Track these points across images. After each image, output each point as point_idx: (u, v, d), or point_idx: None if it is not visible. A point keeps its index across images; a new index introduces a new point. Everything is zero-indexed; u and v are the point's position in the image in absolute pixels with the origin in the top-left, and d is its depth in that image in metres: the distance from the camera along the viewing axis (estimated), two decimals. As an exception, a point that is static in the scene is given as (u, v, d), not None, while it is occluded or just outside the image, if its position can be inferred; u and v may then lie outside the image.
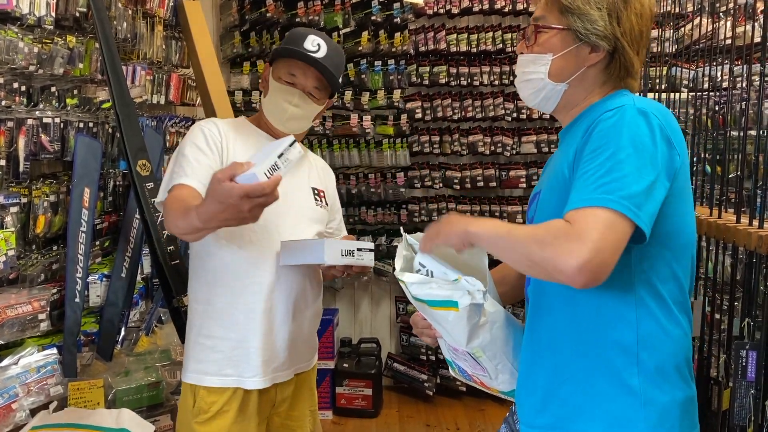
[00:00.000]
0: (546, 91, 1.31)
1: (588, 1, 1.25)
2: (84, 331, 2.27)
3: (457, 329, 1.27)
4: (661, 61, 2.73)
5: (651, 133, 1.15)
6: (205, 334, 1.75)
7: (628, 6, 1.25)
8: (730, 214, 1.65)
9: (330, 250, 1.62)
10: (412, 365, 4.00)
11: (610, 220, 1.08)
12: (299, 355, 1.83)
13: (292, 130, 1.77)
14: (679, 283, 1.24)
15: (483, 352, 1.31)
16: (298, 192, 1.83)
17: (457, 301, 1.22)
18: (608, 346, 1.21)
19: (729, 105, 2.10)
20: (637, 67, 1.30)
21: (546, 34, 1.29)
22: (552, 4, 1.29)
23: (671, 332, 1.22)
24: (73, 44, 2.14)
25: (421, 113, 3.88)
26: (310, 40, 1.75)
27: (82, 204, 2.16)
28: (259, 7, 3.88)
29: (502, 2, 3.74)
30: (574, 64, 1.28)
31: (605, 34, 1.25)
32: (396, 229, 4.01)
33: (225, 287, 1.73)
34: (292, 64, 1.75)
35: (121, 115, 2.27)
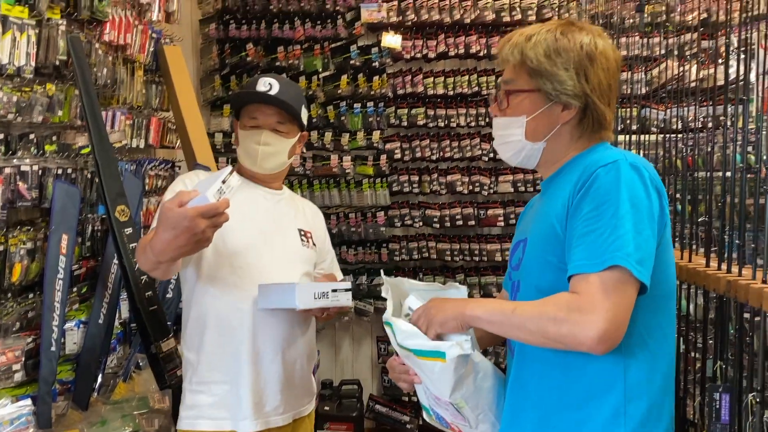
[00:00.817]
0: (526, 151, 1.33)
1: (554, 62, 1.27)
2: (60, 379, 2.23)
3: (442, 380, 1.27)
4: (631, 102, 2.81)
5: (645, 188, 1.18)
6: (197, 380, 1.77)
7: (594, 62, 1.27)
8: (701, 256, 1.68)
9: (302, 294, 1.62)
10: (395, 407, 3.96)
11: (617, 281, 1.11)
12: (296, 398, 1.83)
13: (270, 169, 1.84)
14: (664, 332, 1.25)
15: (466, 403, 1.31)
16: (281, 234, 1.85)
17: (445, 352, 1.22)
18: (595, 398, 1.21)
19: (696, 147, 2.16)
20: (610, 119, 1.32)
21: (517, 97, 1.31)
22: (520, 66, 1.31)
23: (656, 381, 1.23)
24: (53, 92, 2.15)
25: (400, 153, 3.93)
26: (262, 82, 1.81)
27: (60, 251, 2.15)
28: (239, 51, 3.94)
29: (477, 47, 3.83)
30: (548, 123, 1.30)
31: (575, 93, 1.27)
32: (377, 268, 4.01)
33: (212, 333, 1.76)
34: (251, 109, 1.82)
35: (100, 161, 2.28)
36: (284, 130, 1.83)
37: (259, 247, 1.79)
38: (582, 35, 1.29)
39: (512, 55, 1.31)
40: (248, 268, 1.75)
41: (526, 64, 1.29)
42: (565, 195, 1.23)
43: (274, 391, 1.76)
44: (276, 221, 1.86)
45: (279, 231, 1.85)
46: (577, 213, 1.19)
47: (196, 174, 1.82)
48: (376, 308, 4.00)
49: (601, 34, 1.32)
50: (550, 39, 1.28)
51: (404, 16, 3.83)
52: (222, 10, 3.94)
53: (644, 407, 1.20)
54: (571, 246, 1.18)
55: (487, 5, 3.80)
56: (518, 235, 1.42)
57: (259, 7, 3.89)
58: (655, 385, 1.22)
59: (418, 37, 3.86)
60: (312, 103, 3.95)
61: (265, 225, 1.83)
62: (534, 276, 1.28)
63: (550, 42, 1.28)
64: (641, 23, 2.55)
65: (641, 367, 1.21)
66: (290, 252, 1.84)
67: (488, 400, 1.33)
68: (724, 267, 1.55)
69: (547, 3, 3.80)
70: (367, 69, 3.91)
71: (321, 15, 3.90)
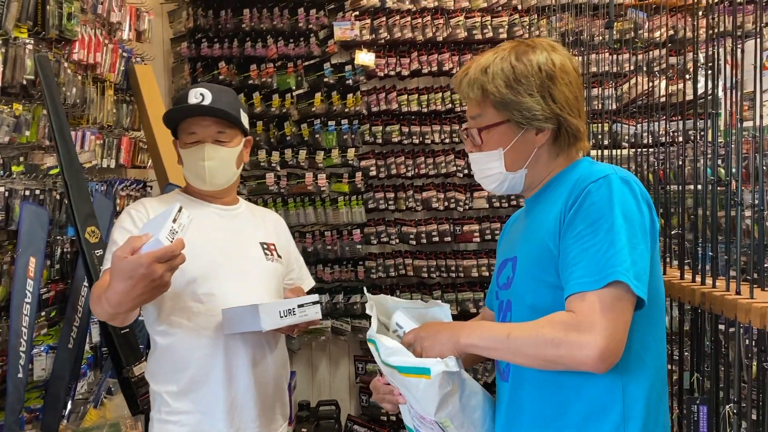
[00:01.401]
0: (508, 181, 1.32)
1: (517, 91, 1.25)
2: (27, 407, 2.17)
3: (426, 398, 1.24)
4: (602, 118, 2.84)
5: (636, 202, 1.18)
6: (166, 410, 1.70)
7: (555, 81, 1.26)
8: (675, 269, 1.70)
9: (266, 315, 1.55)
10: (373, 427, 3.91)
11: (614, 298, 1.10)
12: (272, 421, 1.77)
13: (221, 185, 1.76)
14: (658, 345, 1.25)
15: (451, 422, 1.28)
16: (242, 252, 1.77)
17: (430, 368, 1.20)
18: (594, 419, 1.19)
19: (668, 161, 2.19)
20: (583, 129, 1.32)
21: (489, 131, 1.29)
22: (484, 101, 1.29)
23: (653, 397, 1.22)
24: (20, 111, 2.11)
25: (376, 171, 3.92)
26: (193, 94, 1.71)
27: (27, 274, 2.09)
28: (212, 69, 3.91)
29: (450, 64, 3.86)
30: (525, 150, 1.29)
31: (545, 116, 1.26)
32: (353, 286, 3.99)
33: (180, 362, 1.68)
34: (188, 124, 1.72)
35: (69, 182, 2.23)
36: (226, 140, 1.73)
37: (220, 270, 1.70)
38: (537, 55, 1.27)
39: (473, 92, 1.29)
40: (212, 294, 1.67)
41: (489, 98, 1.28)
42: (556, 211, 1.22)
43: (251, 417, 1.70)
44: (235, 240, 1.77)
45: (239, 249, 1.76)
46: (571, 230, 1.18)
47: (143, 205, 1.73)
48: (353, 327, 3.96)
49: (554, 47, 1.31)
50: (506, 68, 1.27)
51: (377, 34, 3.85)
52: (194, 29, 3.92)
53: (642, 423, 1.19)
54: (567, 264, 1.17)
55: (459, 23, 3.84)
56: (505, 252, 1.39)
57: (231, 26, 3.88)
58: (652, 400, 1.21)
59: (392, 55, 3.88)
60: (286, 121, 3.94)
61: (224, 246, 1.74)
62: (528, 295, 1.26)
63: (507, 71, 1.26)
64: (610, 40, 2.59)
65: (639, 384, 1.20)
66: (254, 270, 1.75)
67: (473, 419, 1.30)
68: (699, 279, 1.56)
69: (518, 21, 3.85)
70: (341, 87, 3.92)
71: (294, 33, 3.90)
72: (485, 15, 3.85)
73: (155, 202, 1.77)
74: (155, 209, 1.72)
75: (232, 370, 1.69)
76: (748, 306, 1.30)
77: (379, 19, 3.86)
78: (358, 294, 3.97)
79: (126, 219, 1.70)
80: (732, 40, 1.62)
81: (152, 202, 1.77)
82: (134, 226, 1.67)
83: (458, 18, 3.84)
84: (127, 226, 1.68)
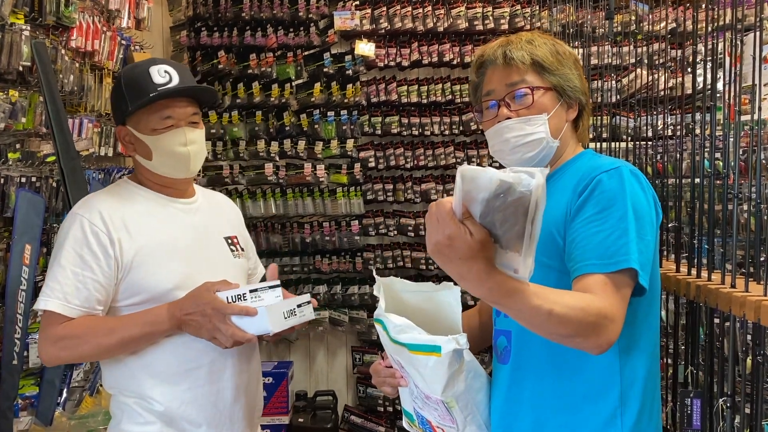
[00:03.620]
0: (547, 149, 1.32)
1: (561, 62, 1.32)
2: (22, 394, 2.17)
3: (435, 376, 1.24)
4: (603, 110, 2.83)
5: (645, 195, 1.22)
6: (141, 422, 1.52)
7: (578, 67, 1.35)
8: (671, 262, 1.69)
9: (273, 317, 1.47)
10: (370, 417, 3.92)
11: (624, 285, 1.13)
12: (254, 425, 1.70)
13: (196, 170, 1.60)
14: (653, 332, 1.28)
15: (456, 402, 1.28)
16: (210, 253, 1.63)
17: (441, 346, 1.19)
18: (592, 401, 1.22)
19: (666, 154, 2.17)
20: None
21: (537, 93, 1.30)
22: (528, 67, 1.30)
23: (649, 382, 1.25)
24: (16, 98, 2.10)
25: (374, 162, 3.91)
26: (155, 72, 1.51)
27: (23, 261, 2.09)
28: (211, 58, 3.90)
29: (451, 55, 3.84)
30: (559, 122, 1.32)
31: (582, 90, 1.33)
32: (351, 277, 3.99)
33: (156, 378, 1.52)
34: (160, 107, 1.51)
35: (65, 169, 2.23)
36: (197, 121, 1.58)
37: (192, 279, 1.52)
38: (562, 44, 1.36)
39: (523, 56, 1.30)
40: None
41: (537, 63, 1.30)
42: (563, 202, 1.24)
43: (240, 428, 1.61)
44: (201, 239, 1.62)
45: (208, 251, 1.62)
46: (580, 214, 1.20)
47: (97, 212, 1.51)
48: (350, 318, 3.97)
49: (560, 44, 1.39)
50: (549, 43, 1.33)
51: (377, 24, 3.83)
52: (193, 17, 3.90)
53: (638, 408, 1.22)
54: (576, 245, 1.19)
55: (460, 14, 3.82)
56: None
57: (230, 15, 3.86)
58: (649, 385, 1.25)
59: (392, 45, 3.86)
60: (285, 111, 3.93)
61: (192, 250, 1.59)
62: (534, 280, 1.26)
63: (551, 45, 1.33)
64: (610, 32, 2.58)
65: (636, 368, 1.23)
66: (225, 271, 1.58)
67: (477, 401, 1.31)
68: (694, 272, 1.56)
69: (520, 12, 3.83)
70: (341, 77, 3.90)
71: (294, 22, 3.88)
72: (486, 6, 3.83)
73: (110, 204, 1.54)
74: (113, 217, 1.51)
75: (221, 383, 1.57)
76: (742, 299, 1.29)
77: (379, 8, 3.84)
78: (356, 285, 3.97)
79: (79, 239, 1.48)
80: (732, 33, 1.60)
81: (106, 203, 1.54)
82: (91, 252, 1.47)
83: (459, 8, 3.82)
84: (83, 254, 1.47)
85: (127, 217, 1.53)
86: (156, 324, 1.47)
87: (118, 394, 1.57)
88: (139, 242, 1.51)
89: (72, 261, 1.46)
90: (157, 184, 1.60)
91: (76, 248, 1.47)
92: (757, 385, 1.33)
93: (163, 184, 1.60)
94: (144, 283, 1.51)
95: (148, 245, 1.53)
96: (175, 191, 1.62)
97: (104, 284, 1.48)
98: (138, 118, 1.53)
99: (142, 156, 1.56)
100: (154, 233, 1.55)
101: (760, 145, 1.49)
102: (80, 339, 1.45)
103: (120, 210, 1.53)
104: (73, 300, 1.45)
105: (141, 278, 1.51)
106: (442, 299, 1.38)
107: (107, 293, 1.50)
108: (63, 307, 1.44)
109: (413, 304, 1.37)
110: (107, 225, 1.50)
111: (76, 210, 1.53)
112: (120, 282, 1.51)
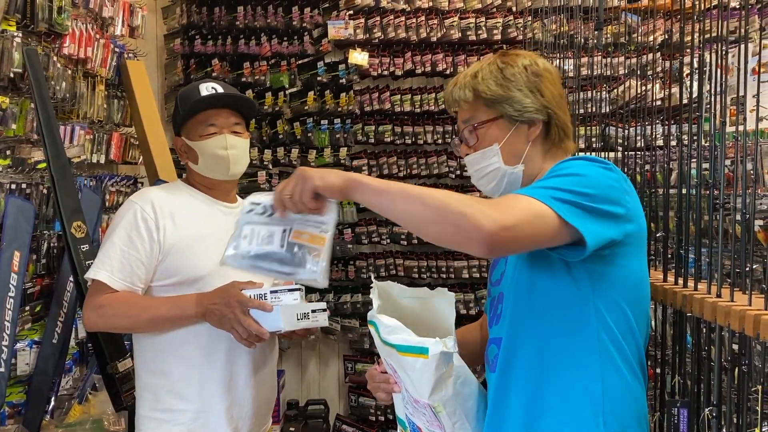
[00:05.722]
0: (507, 176, 1.34)
1: (508, 87, 1.31)
2: (9, 402, 2.15)
3: (422, 378, 1.26)
4: (594, 121, 2.84)
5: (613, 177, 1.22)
6: (160, 408, 1.70)
7: (541, 78, 1.33)
8: (659, 272, 1.69)
9: (286, 316, 1.59)
10: (361, 426, 3.91)
11: (543, 211, 1.13)
12: (264, 417, 1.82)
13: (238, 173, 1.80)
14: (637, 341, 1.28)
15: (444, 407, 1.29)
16: None
17: (428, 348, 1.22)
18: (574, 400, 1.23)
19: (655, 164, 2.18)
20: (570, 126, 1.38)
21: (483, 128, 1.34)
22: (476, 102, 1.34)
23: (633, 387, 1.26)
24: (6, 105, 2.10)
25: (368, 170, 3.92)
26: (203, 88, 1.75)
27: (12, 268, 2.08)
28: (205, 66, 3.91)
29: (444, 65, 3.86)
30: (520, 144, 1.33)
31: (536, 108, 1.32)
32: (344, 286, 3.99)
33: (182, 358, 1.69)
34: (205, 117, 1.74)
35: (56, 176, 2.23)
36: (241, 131, 1.79)
37: (226, 271, 1.65)
38: (521, 59, 1.35)
39: (465, 94, 1.34)
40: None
41: (481, 97, 1.33)
42: None
43: (248, 415, 1.73)
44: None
45: None
46: None
47: (149, 202, 1.73)
48: (343, 327, 3.96)
49: (537, 55, 1.39)
50: (494, 69, 1.33)
51: (371, 34, 3.85)
52: (187, 26, 3.92)
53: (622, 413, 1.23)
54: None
55: (453, 24, 3.84)
56: None
57: (224, 23, 3.88)
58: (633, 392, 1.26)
59: (386, 55, 3.88)
60: (278, 119, 3.93)
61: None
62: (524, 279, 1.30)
63: (496, 72, 1.33)
64: (599, 42, 2.59)
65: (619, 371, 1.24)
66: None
67: (466, 408, 1.32)
68: (681, 282, 1.56)
69: (512, 23, 3.86)
70: (334, 86, 3.91)
71: (288, 31, 3.90)
72: (479, 16, 3.85)
73: (163, 197, 1.76)
74: (162, 207, 1.72)
75: (236, 370, 1.71)
76: (727, 309, 1.29)
77: (373, 18, 3.86)
78: (349, 293, 3.96)
79: (131, 222, 1.70)
80: (719, 45, 1.61)
81: (160, 196, 1.76)
82: (139, 234, 1.69)
83: (452, 19, 3.84)
84: (132, 235, 1.68)
85: (174, 209, 1.74)
86: (184, 309, 1.64)
87: (143, 373, 1.75)
88: (181, 232, 1.71)
89: (123, 241, 1.68)
90: (203, 186, 1.81)
91: (127, 230, 1.69)
92: (743, 395, 1.33)
93: (209, 186, 1.81)
94: (179, 268, 1.70)
95: (189, 236, 1.71)
96: (219, 193, 1.82)
97: (146, 264, 1.68)
98: (188, 128, 1.77)
99: (192, 161, 1.79)
100: (195, 226, 1.74)
101: (746, 155, 1.50)
102: (117, 310, 1.66)
103: (169, 202, 1.75)
104: (118, 274, 1.66)
105: (177, 263, 1.70)
106: (437, 305, 1.40)
107: (147, 273, 1.70)
108: (109, 278, 1.65)
109: (410, 309, 1.40)
110: (156, 213, 1.70)
111: (133, 198, 1.77)
112: (159, 264, 1.70)
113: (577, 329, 1.24)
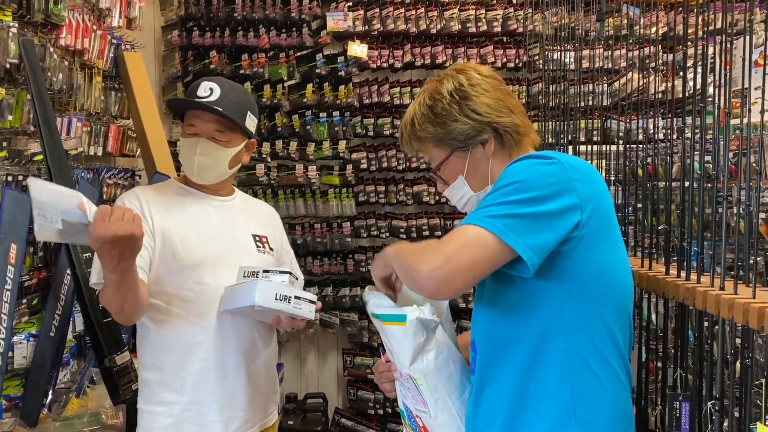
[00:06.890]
0: (483, 193, 1.34)
1: (443, 123, 1.34)
2: (6, 395, 2.14)
3: (402, 346, 1.30)
4: (595, 113, 2.83)
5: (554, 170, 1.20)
6: (154, 401, 1.72)
7: (469, 97, 1.33)
8: (661, 265, 1.68)
9: (263, 291, 1.56)
10: (360, 420, 3.91)
11: (475, 236, 1.16)
12: (261, 409, 1.81)
13: (209, 180, 1.78)
14: (612, 334, 1.25)
15: (425, 380, 1.32)
16: (235, 244, 1.80)
17: (406, 314, 1.27)
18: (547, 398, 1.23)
19: (657, 157, 2.17)
20: (522, 123, 1.36)
21: (444, 167, 1.38)
22: (426, 147, 1.39)
23: (608, 387, 1.24)
24: (2, 96, 2.08)
25: (367, 163, 3.90)
26: (203, 86, 1.72)
27: (8, 261, 2.06)
28: (203, 58, 3.88)
29: (444, 57, 3.84)
30: (481, 165, 1.35)
31: (477, 129, 1.33)
32: (343, 279, 3.97)
33: (172, 350, 1.71)
34: (190, 115, 1.74)
35: (52, 168, 2.21)
36: (224, 139, 1.73)
37: (214, 261, 1.73)
38: (445, 85, 1.36)
39: (413, 146, 1.41)
40: (204, 283, 1.71)
41: (427, 142, 1.38)
42: None
43: (240, 406, 1.73)
44: (228, 231, 1.80)
45: (233, 241, 1.79)
46: None
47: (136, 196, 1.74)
48: (341, 320, 3.95)
49: (459, 69, 1.38)
50: (425, 110, 1.36)
51: (370, 26, 3.82)
52: (185, 17, 3.89)
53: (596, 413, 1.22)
54: None
55: (453, 16, 3.81)
56: None
57: (223, 15, 3.85)
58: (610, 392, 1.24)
59: (385, 47, 3.86)
60: (277, 112, 3.91)
61: (217, 237, 1.77)
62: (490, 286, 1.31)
63: (426, 112, 1.36)
64: (601, 34, 2.58)
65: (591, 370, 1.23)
66: (246, 261, 1.77)
67: (449, 387, 1.34)
68: (684, 275, 1.55)
69: (512, 14, 3.83)
70: (333, 78, 3.89)
71: (286, 23, 3.87)
72: (479, 8, 3.83)
73: (150, 192, 1.78)
74: (145, 198, 1.74)
75: (226, 360, 1.71)
76: (731, 302, 1.28)
77: (372, 10, 3.83)
78: (347, 287, 3.95)
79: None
80: (722, 37, 1.60)
81: (146, 191, 1.78)
82: None
83: (452, 10, 3.81)
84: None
85: (160, 201, 1.75)
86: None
87: (141, 369, 1.76)
88: (168, 220, 1.71)
89: None
90: (192, 180, 1.79)
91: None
92: (745, 389, 1.32)
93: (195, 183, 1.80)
94: (169, 256, 1.69)
95: (177, 224, 1.72)
96: (206, 189, 1.81)
97: (145, 245, 1.63)
98: (184, 121, 1.77)
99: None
100: (183, 215, 1.74)
101: (750, 147, 1.49)
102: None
103: (156, 195, 1.76)
104: None
105: (167, 251, 1.69)
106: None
107: (149, 256, 1.67)
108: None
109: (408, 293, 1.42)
110: (141, 203, 1.71)
111: (121, 197, 1.77)
112: (153, 252, 1.69)
113: (544, 330, 1.23)
